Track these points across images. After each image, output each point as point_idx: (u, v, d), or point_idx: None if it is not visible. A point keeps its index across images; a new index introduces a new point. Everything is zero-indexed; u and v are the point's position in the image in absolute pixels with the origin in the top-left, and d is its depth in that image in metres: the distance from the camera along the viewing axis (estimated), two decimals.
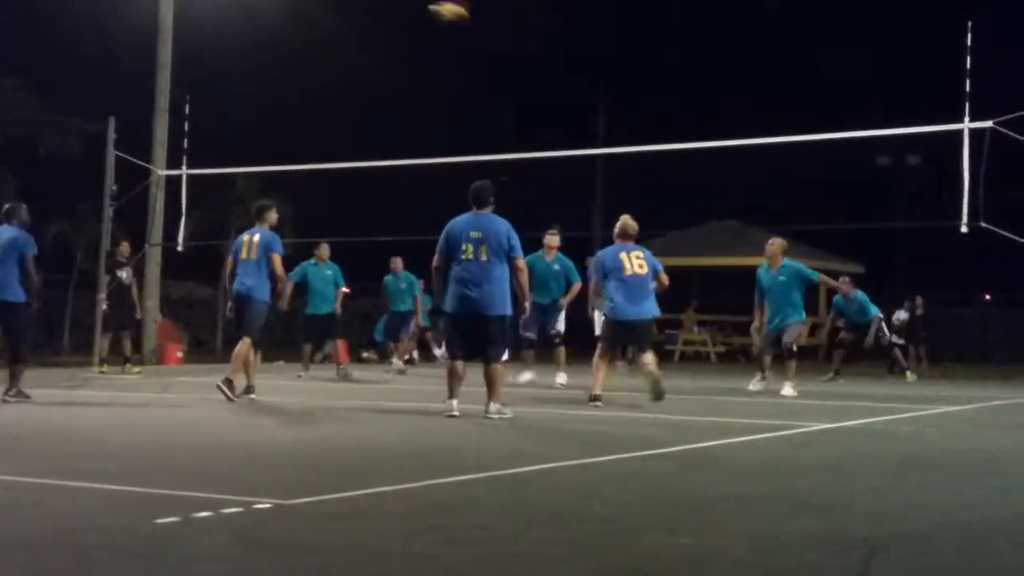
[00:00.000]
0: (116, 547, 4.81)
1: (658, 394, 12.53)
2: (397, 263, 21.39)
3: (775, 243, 16.34)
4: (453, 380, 11.19)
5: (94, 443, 8.90)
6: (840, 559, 4.75)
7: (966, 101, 14.37)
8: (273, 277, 13.40)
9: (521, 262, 11.23)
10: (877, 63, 44.73)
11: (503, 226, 11.21)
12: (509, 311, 11.25)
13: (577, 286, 17.20)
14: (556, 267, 17.24)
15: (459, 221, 11.29)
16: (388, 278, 21.62)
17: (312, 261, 19.73)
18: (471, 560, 4.67)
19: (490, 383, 11.12)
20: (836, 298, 21.45)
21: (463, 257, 11.08)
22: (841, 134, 17.63)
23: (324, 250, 19.75)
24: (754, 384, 16.00)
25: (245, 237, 13.55)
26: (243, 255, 13.27)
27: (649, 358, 12.73)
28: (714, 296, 34.06)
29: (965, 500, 6.46)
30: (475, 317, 11.07)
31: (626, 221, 13.34)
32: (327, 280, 19.60)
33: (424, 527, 5.31)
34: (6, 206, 13.20)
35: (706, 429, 10.41)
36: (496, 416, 10.88)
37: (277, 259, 13.27)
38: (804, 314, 16.51)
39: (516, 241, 11.21)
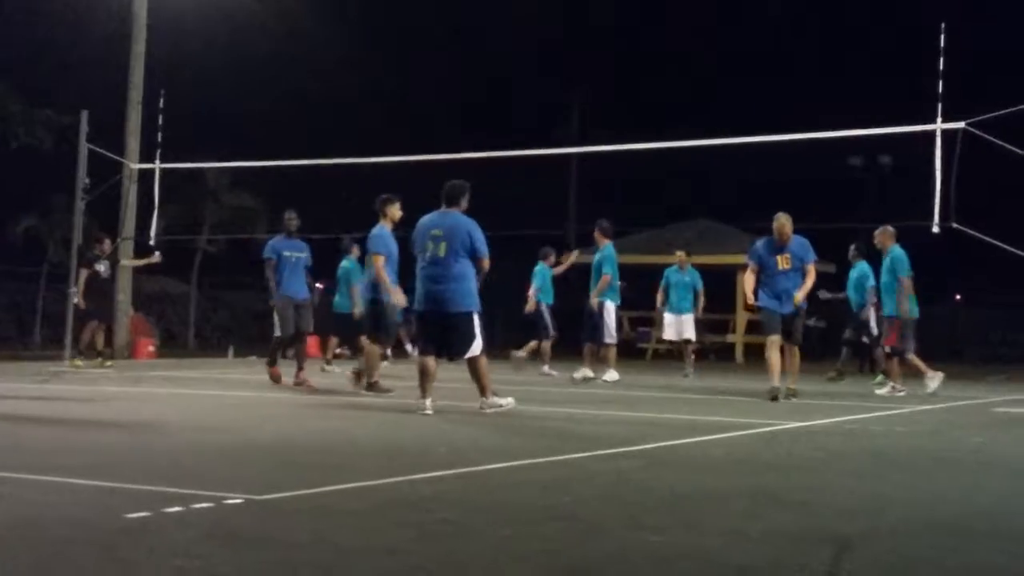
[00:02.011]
0: (85, 542, 4.79)
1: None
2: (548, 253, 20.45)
3: (883, 231, 16.28)
4: (425, 379, 11.20)
5: (64, 437, 8.85)
6: (810, 556, 4.76)
7: (939, 102, 14.45)
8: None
9: (486, 262, 11.20)
10: (850, 63, 44.93)
11: (465, 224, 11.17)
12: (474, 307, 11.17)
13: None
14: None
15: (424, 220, 11.35)
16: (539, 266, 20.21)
17: (352, 258, 19.86)
18: (439, 557, 4.67)
19: (475, 378, 11.23)
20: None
21: (427, 255, 11.12)
22: (814, 134, 17.71)
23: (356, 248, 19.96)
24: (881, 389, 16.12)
25: None
26: None
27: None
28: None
29: (935, 498, 6.50)
30: (438, 315, 11.11)
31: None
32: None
33: (393, 523, 5.30)
34: None
35: (678, 427, 10.44)
36: (491, 410, 11.01)
37: (375, 260, 13.20)
38: (898, 308, 15.63)
39: (480, 238, 11.15)
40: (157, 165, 21.32)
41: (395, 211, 13.54)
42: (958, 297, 41.47)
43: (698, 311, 19.75)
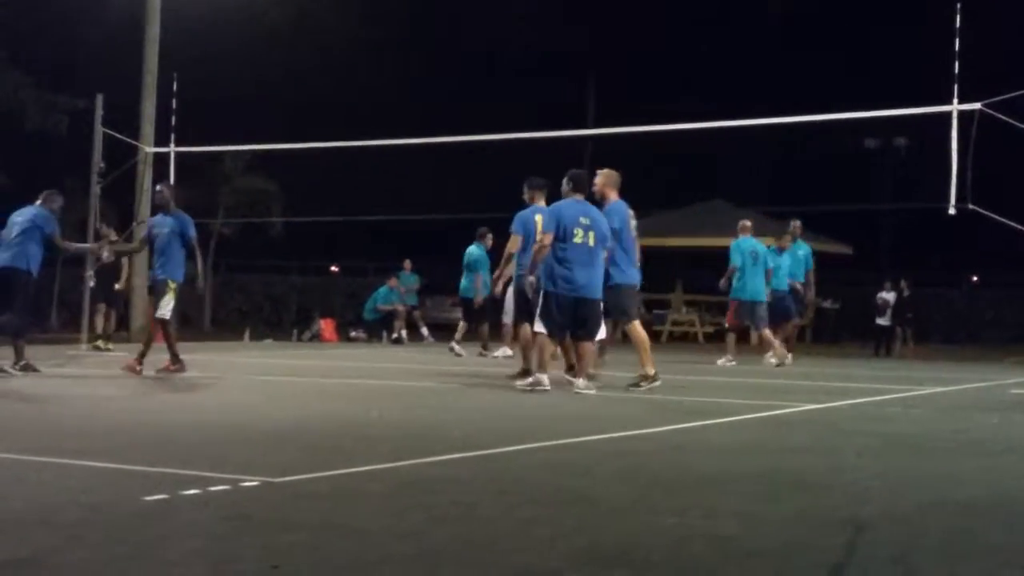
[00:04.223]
0: (103, 524, 4.81)
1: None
2: None
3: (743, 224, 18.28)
4: (545, 356, 11.71)
5: (81, 420, 8.89)
6: (826, 538, 4.77)
7: (955, 83, 14.37)
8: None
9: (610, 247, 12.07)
10: (865, 44, 44.73)
11: (600, 213, 11.93)
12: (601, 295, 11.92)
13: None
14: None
15: (567, 207, 11.81)
16: None
17: (482, 245, 19.94)
18: (455, 539, 4.68)
19: (581, 359, 11.80)
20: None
21: (575, 241, 11.59)
22: (829, 115, 17.65)
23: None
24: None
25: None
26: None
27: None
28: (702, 277, 34.02)
29: (951, 481, 6.49)
30: (581, 299, 11.65)
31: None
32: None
33: (409, 506, 5.32)
34: (46, 192, 14.12)
35: (692, 410, 10.44)
36: (585, 391, 11.44)
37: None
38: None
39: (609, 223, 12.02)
40: (172, 149, 21.34)
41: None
42: (975, 279, 41.32)
43: None
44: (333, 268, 41.82)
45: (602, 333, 12.04)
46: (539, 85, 41.37)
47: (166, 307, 13.30)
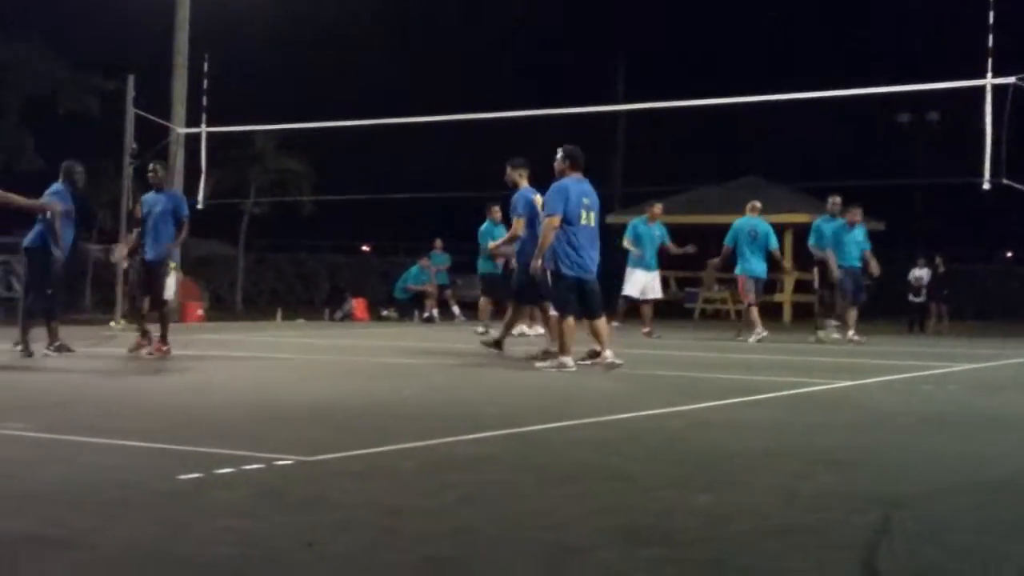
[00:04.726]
0: (139, 503, 4.84)
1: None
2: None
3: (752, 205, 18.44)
4: (571, 338, 11.66)
5: (115, 399, 8.94)
6: (860, 516, 4.74)
7: (989, 57, 14.24)
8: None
9: None
10: (899, 18, 44.39)
11: (595, 193, 11.94)
12: None
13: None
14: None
15: (572, 186, 11.69)
16: None
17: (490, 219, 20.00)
18: (489, 516, 4.68)
19: (602, 335, 11.83)
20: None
21: (581, 223, 11.59)
22: (861, 90, 17.53)
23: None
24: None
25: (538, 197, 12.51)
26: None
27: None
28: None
29: (985, 458, 6.45)
30: (590, 280, 11.72)
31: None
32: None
33: (442, 484, 5.32)
34: (64, 164, 13.58)
35: (724, 387, 10.41)
36: (606, 361, 11.61)
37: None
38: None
39: None
40: (203, 129, 21.42)
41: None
42: (1009, 255, 41.04)
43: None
44: (364, 248, 41.92)
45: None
46: (569, 63, 41.26)
47: (169, 288, 13.40)
